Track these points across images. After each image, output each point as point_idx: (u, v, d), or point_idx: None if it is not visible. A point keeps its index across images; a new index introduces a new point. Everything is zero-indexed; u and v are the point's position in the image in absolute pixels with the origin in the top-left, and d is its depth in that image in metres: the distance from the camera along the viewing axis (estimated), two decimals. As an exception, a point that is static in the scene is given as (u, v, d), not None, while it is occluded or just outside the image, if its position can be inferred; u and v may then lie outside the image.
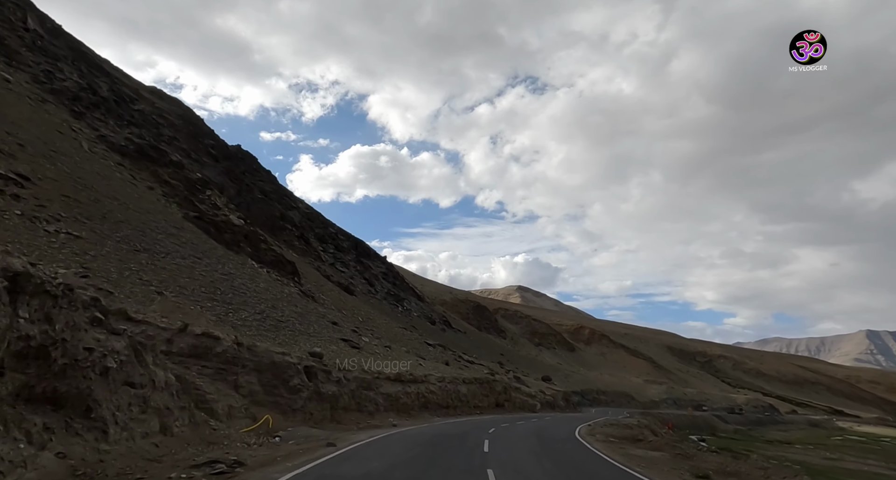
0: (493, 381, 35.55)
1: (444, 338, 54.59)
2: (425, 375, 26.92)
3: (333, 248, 59.81)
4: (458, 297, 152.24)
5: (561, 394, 44.71)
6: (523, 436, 18.86)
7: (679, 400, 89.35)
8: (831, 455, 39.32)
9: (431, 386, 27.04)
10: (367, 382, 21.62)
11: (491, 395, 34.66)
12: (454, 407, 29.30)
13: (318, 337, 21.20)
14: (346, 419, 18.97)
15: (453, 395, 29.29)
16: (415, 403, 25.18)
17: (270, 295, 22.83)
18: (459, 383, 30.72)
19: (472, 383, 32.89)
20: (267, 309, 19.86)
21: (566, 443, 17.90)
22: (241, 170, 54.52)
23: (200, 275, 18.15)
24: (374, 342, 28.29)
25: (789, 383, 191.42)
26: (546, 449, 15.15)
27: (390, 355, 27.12)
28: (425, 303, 72.42)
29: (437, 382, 27.96)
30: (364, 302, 49.66)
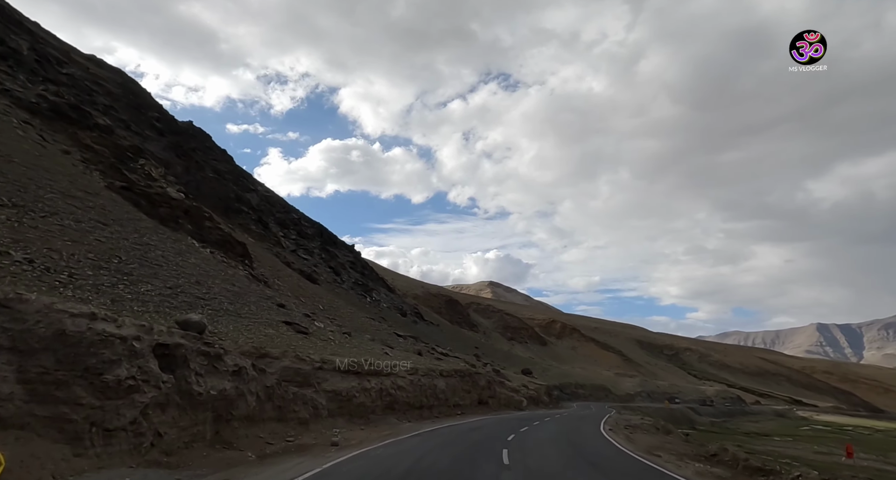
0: (475, 374, 31.15)
1: (415, 330, 50.96)
2: (391, 366, 21.78)
3: (296, 234, 55.11)
4: (430, 291, 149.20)
5: (544, 389, 41.80)
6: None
7: (653, 393, 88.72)
8: (819, 448, 37.80)
9: (400, 379, 22.03)
10: (303, 375, 15.83)
11: (473, 391, 30.37)
12: (429, 407, 24.69)
13: (252, 318, 17.02)
14: (248, 438, 12.22)
15: (428, 392, 24.60)
16: (376, 403, 20.01)
17: (200, 271, 18.54)
18: (436, 376, 26.00)
19: (452, 376, 28.09)
20: (187, 284, 15.64)
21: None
22: (190, 146, 49.07)
23: (96, 241, 13.89)
24: (331, 328, 23.90)
25: (752, 374, 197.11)
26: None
27: (348, 343, 22.95)
28: (396, 295, 68.51)
29: (408, 375, 23.08)
30: (328, 290, 45.45)
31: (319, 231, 63.35)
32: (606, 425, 27.06)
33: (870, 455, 33.98)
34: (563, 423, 27.28)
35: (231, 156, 57.79)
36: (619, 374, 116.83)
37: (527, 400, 34.18)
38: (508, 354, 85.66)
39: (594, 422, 29.22)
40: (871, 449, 39.84)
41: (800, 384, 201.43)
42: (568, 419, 31.38)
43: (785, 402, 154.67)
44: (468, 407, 28.88)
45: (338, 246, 64.53)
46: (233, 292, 18.31)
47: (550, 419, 29.27)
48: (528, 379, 43.60)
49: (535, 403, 35.88)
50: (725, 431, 58.92)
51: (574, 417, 33.49)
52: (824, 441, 49.00)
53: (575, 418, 32.88)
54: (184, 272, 16.77)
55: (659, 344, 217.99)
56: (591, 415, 36.90)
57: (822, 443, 43.95)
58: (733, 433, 56.65)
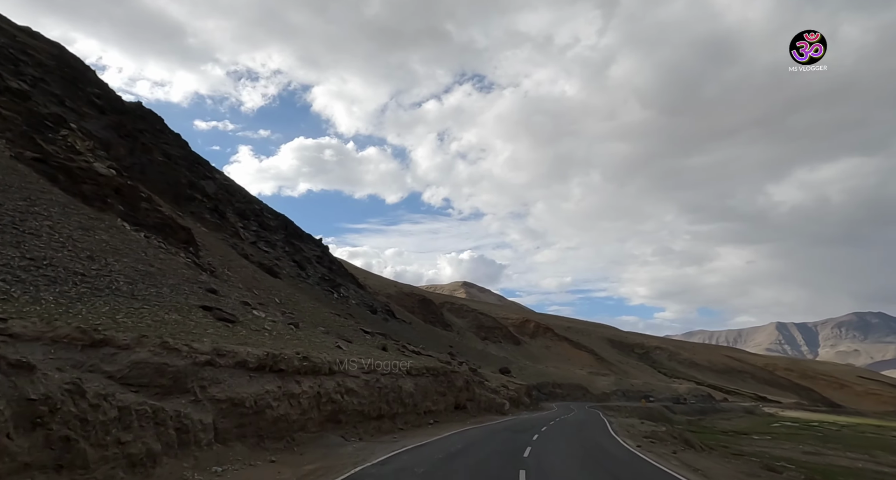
0: (451, 373, 26.33)
1: (386, 328, 47.75)
2: (338, 362, 16.54)
3: (257, 226, 51.05)
4: (403, 291, 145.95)
5: (524, 389, 38.97)
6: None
7: (627, 392, 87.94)
8: (805, 447, 36.58)
9: (350, 380, 16.72)
10: (172, 374, 10.32)
11: (449, 393, 25.67)
12: (392, 417, 19.46)
13: (154, 301, 13.04)
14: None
15: (391, 395, 19.48)
16: (309, 416, 14.17)
17: (106, 248, 14.96)
18: (402, 376, 21.18)
19: (423, 375, 23.42)
20: (68, 258, 12.07)
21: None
22: (137, 127, 44.48)
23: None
24: (274, 319, 20.12)
25: (719, 372, 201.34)
26: None
27: (290, 335, 18.36)
28: (366, 292, 65.01)
29: (363, 374, 17.78)
30: (290, 284, 41.79)
31: (284, 224, 59.33)
32: (627, 438, 22.71)
33: (858, 455, 32.94)
34: (571, 435, 22.38)
35: (186, 141, 53.25)
36: (592, 373, 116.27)
37: (508, 403, 30.92)
38: (483, 353, 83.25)
39: (604, 432, 25.12)
40: (852, 447, 39.05)
41: (763, 381, 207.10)
42: (568, 427, 26.92)
43: (751, 399, 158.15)
44: (442, 414, 24.58)
45: (304, 240, 60.62)
46: (142, 272, 14.76)
47: (548, 428, 24.66)
48: (507, 379, 40.91)
49: (516, 405, 32.94)
50: (704, 430, 58.02)
51: (573, 424, 29.18)
52: (803, 439, 48.40)
53: (575, 426, 28.41)
54: (76, 246, 13.22)
55: (630, 343, 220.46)
56: (589, 421, 32.56)
57: (803, 442, 43.16)
58: (712, 431, 55.73)
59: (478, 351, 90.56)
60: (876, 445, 44.49)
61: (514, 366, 67.15)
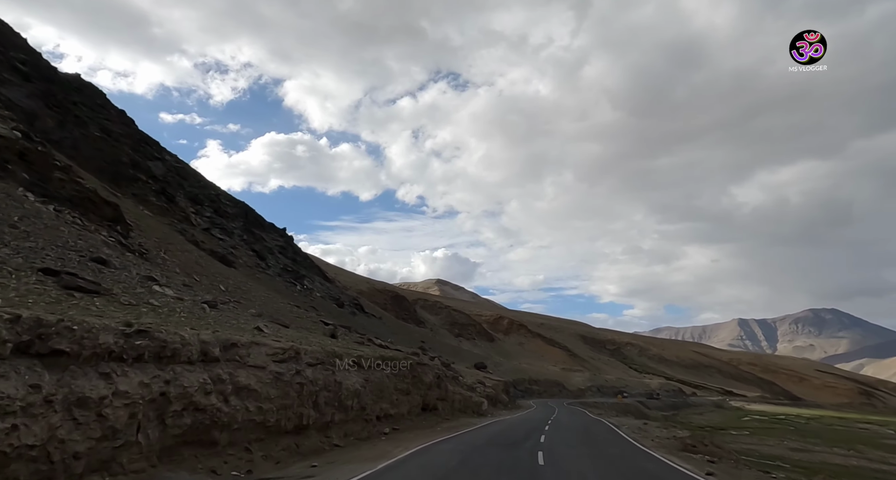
0: (419, 366, 22.19)
1: (353, 322, 44.45)
2: (225, 344, 11.02)
3: (212, 212, 46.77)
4: (376, 287, 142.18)
5: (502, 386, 36.22)
6: None
7: (602, 387, 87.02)
8: (790, 444, 35.29)
9: (247, 372, 11.27)
10: None
11: (416, 391, 21.70)
12: (322, 428, 14.16)
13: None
14: None
15: (323, 395, 14.07)
16: (125, 441, 8.23)
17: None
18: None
19: (378, 368, 18.46)
20: None
21: None
22: (71, 99, 39.68)
23: None
24: (187, 297, 14.79)
25: (687, 367, 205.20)
26: None
27: (192, 313, 13.09)
28: (333, 285, 61.29)
29: (272, 363, 12.14)
30: (247, 274, 38.01)
31: (244, 212, 55.06)
32: (663, 450, 17.62)
33: (844, 450, 31.77)
34: (588, 449, 17.02)
35: (132, 119, 48.42)
36: (566, 369, 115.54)
37: (486, 401, 27.69)
38: (457, 349, 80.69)
39: (623, 441, 20.58)
40: (834, 442, 38.18)
41: (729, 375, 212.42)
42: (571, 434, 22.31)
43: (718, 393, 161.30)
44: (405, 419, 20.05)
45: (265, 230, 56.49)
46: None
47: (546, 437, 19.64)
48: (483, 375, 38.18)
49: (493, 403, 30.04)
50: (679, 425, 57.13)
51: (574, 430, 24.78)
52: (781, 434, 47.69)
53: (578, 432, 23.91)
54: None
55: (601, 340, 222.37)
56: (589, 425, 28.26)
57: (782, 437, 42.21)
58: (688, 426, 54.77)
59: (451, 348, 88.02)
60: (855, 439, 44.00)
61: (491, 362, 64.81)
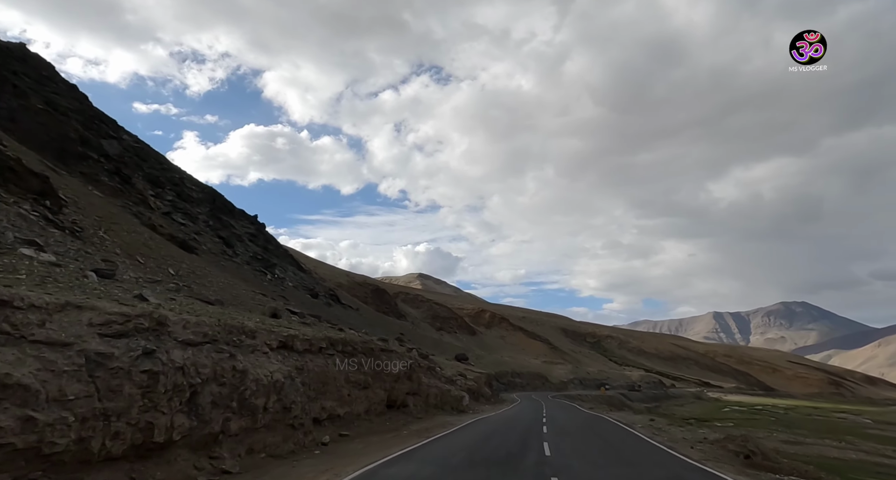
0: (382, 352, 18.38)
1: (327, 312, 41.90)
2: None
3: (174, 196, 43.41)
4: (356, 280, 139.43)
5: (484, 378, 34.10)
6: None
7: (584, 380, 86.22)
8: (780, 436, 34.21)
9: (51, 352, 6.63)
10: None
11: (377, 384, 17.79)
12: (209, 443, 9.32)
13: None
14: None
15: (222, 387, 9.60)
16: None
17: None
18: (266, 353, 11.56)
19: (325, 353, 14.42)
20: None
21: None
22: (11, 69, 35.90)
23: None
24: (74, 265, 11.15)
25: (666, 359, 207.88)
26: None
27: (69, 282, 9.59)
28: (307, 275, 58.42)
29: (102, 336, 7.41)
30: (210, 261, 35.08)
31: (211, 197, 51.67)
32: (704, 459, 14.11)
33: (835, 442, 30.78)
34: (610, 465, 12.44)
35: (85, 94, 44.56)
36: (547, 362, 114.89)
37: (468, 395, 25.26)
38: (438, 342, 78.68)
39: (647, 447, 16.61)
40: (823, 434, 37.41)
41: (706, 367, 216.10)
42: (581, 437, 18.20)
43: (696, 384, 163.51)
44: (360, 420, 15.87)
45: (235, 217, 53.24)
46: None
47: (550, 445, 14.63)
48: (464, 367, 36.10)
49: (475, 397, 27.84)
50: (662, 416, 56.39)
51: (581, 431, 20.30)
52: (766, 425, 47.04)
53: (585, 433, 19.67)
54: None
55: (582, 333, 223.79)
56: (593, 423, 24.48)
57: (769, 428, 41.40)
58: (673, 418, 53.98)
59: (433, 340, 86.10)
60: (840, 429, 43.53)
61: (472, 355, 63.02)
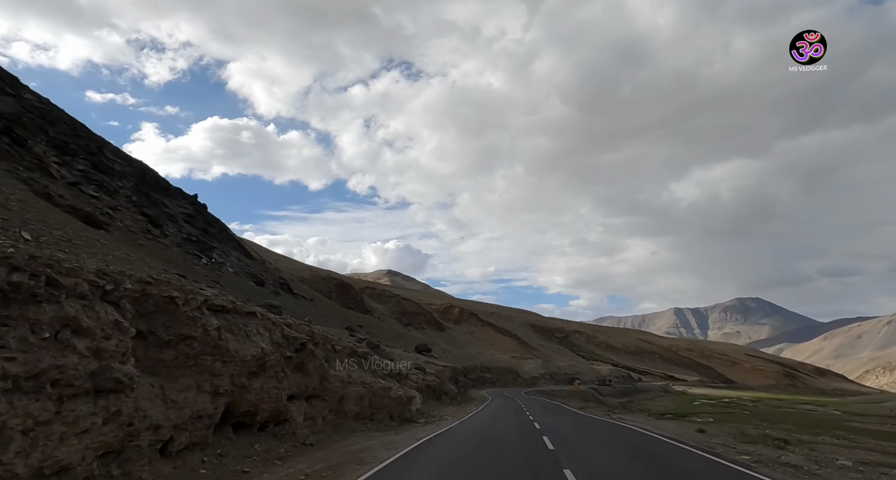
0: (218, 313, 9.25)
1: (273, 301, 36.66)
2: None
3: (88, 166, 37.07)
4: (320, 275, 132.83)
5: (449, 372, 29.47)
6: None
7: (555, 375, 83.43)
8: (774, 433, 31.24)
9: None
10: None
11: (197, 375, 8.56)
12: None
13: None
14: None
15: None
16: None
17: None
18: None
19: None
20: None
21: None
22: None
23: None
24: None
25: (632, 353, 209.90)
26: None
27: None
28: (256, 262, 52.59)
29: None
30: (123, 239, 29.28)
31: (141, 172, 45.19)
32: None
33: (830, 438, 28.11)
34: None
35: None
36: (516, 357, 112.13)
37: (420, 395, 19.18)
38: (404, 336, 73.99)
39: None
40: (810, 428, 34.98)
41: (670, 361, 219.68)
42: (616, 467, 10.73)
43: (661, 378, 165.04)
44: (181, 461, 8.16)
45: (170, 195, 46.91)
46: None
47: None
48: (425, 359, 31.58)
49: (436, 396, 23.27)
50: (639, 411, 53.86)
51: (629, 457, 12.23)
52: (743, 419, 44.81)
53: (630, 458, 12.04)
54: None
55: (550, 328, 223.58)
56: (605, 429, 19.19)
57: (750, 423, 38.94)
58: (649, 413, 51.40)
59: (396, 333, 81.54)
60: (823, 423, 41.53)
61: (438, 348, 58.74)
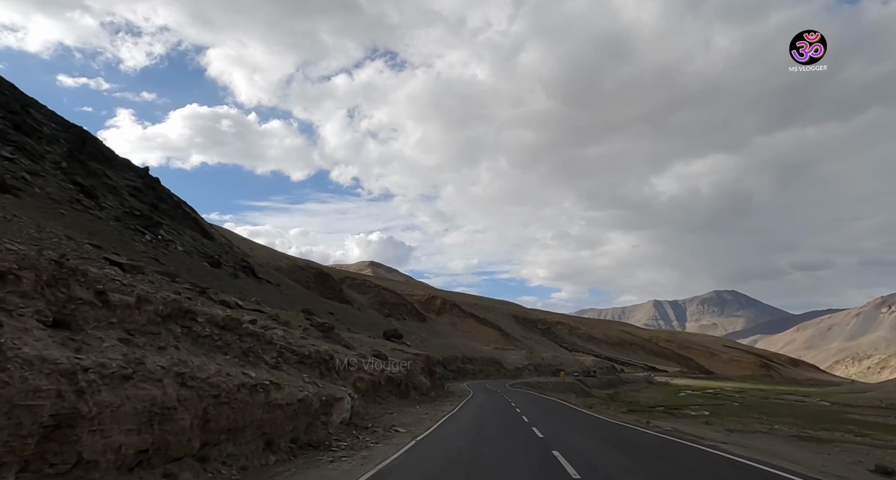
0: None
1: (229, 284, 32.51)
2: None
3: (7, 125, 31.99)
4: (297, 264, 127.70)
5: (422, 361, 25.02)
6: None
7: (539, 366, 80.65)
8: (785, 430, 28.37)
9: None
10: None
11: None
12: None
13: None
14: None
15: None
16: None
17: None
18: None
19: None
20: None
21: None
22: None
23: None
24: None
25: (614, 345, 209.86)
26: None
27: None
28: (214, 243, 47.87)
29: None
30: (39, 207, 24.67)
31: (80, 137, 40.02)
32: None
33: (843, 433, 25.41)
34: None
35: None
36: (499, 349, 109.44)
37: (355, 396, 13.99)
38: (380, 324, 70.03)
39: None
40: (814, 422, 32.40)
41: (651, 352, 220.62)
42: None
43: (643, 369, 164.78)
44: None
45: (115, 166, 41.87)
46: None
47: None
48: (392, 346, 27.46)
49: (400, 392, 18.84)
50: (628, 404, 51.22)
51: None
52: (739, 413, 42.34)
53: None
54: None
55: (533, 319, 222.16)
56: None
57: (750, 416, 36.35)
58: (638, 405, 48.72)
59: (375, 323, 77.74)
60: (821, 417, 39.19)
61: (417, 337, 55.00)
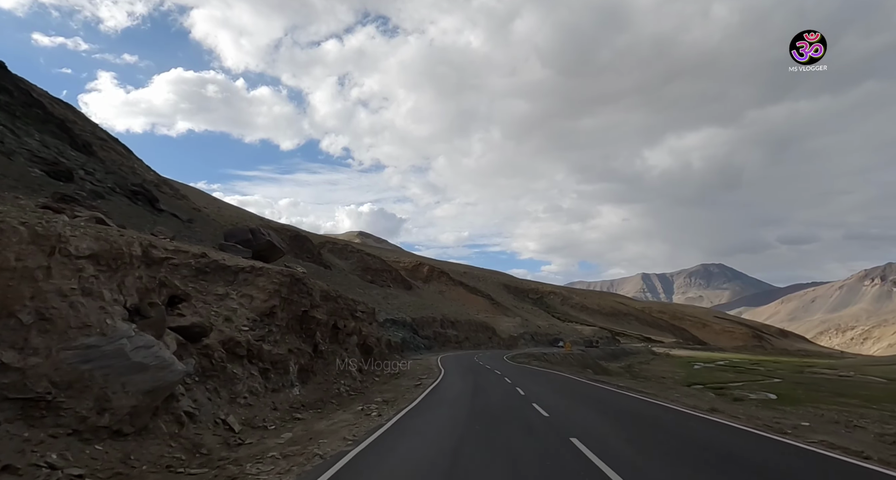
0: None
1: (153, 220, 23.59)
2: None
3: None
4: (272, 226, 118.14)
5: (273, 288, 14.15)
6: None
7: (535, 335, 73.65)
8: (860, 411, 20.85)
9: None
10: None
11: None
12: None
13: None
14: None
15: None
16: None
17: None
18: None
19: None
20: None
21: None
22: None
23: None
24: None
25: (608, 315, 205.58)
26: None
27: None
28: (86, 156, 36.99)
29: None
30: None
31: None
32: None
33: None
34: None
35: None
36: (489, 317, 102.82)
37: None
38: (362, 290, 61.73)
39: None
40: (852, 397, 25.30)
41: (645, 322, 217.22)
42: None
43: (638, 339, 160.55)
44: None
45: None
46: None
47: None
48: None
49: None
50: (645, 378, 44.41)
51: None
52: (801, 393, 35.55)
53: None
54: None
55: (524, 289, 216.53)
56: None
57: (823, 400, 29.39)
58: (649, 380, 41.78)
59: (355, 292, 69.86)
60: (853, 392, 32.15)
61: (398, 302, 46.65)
